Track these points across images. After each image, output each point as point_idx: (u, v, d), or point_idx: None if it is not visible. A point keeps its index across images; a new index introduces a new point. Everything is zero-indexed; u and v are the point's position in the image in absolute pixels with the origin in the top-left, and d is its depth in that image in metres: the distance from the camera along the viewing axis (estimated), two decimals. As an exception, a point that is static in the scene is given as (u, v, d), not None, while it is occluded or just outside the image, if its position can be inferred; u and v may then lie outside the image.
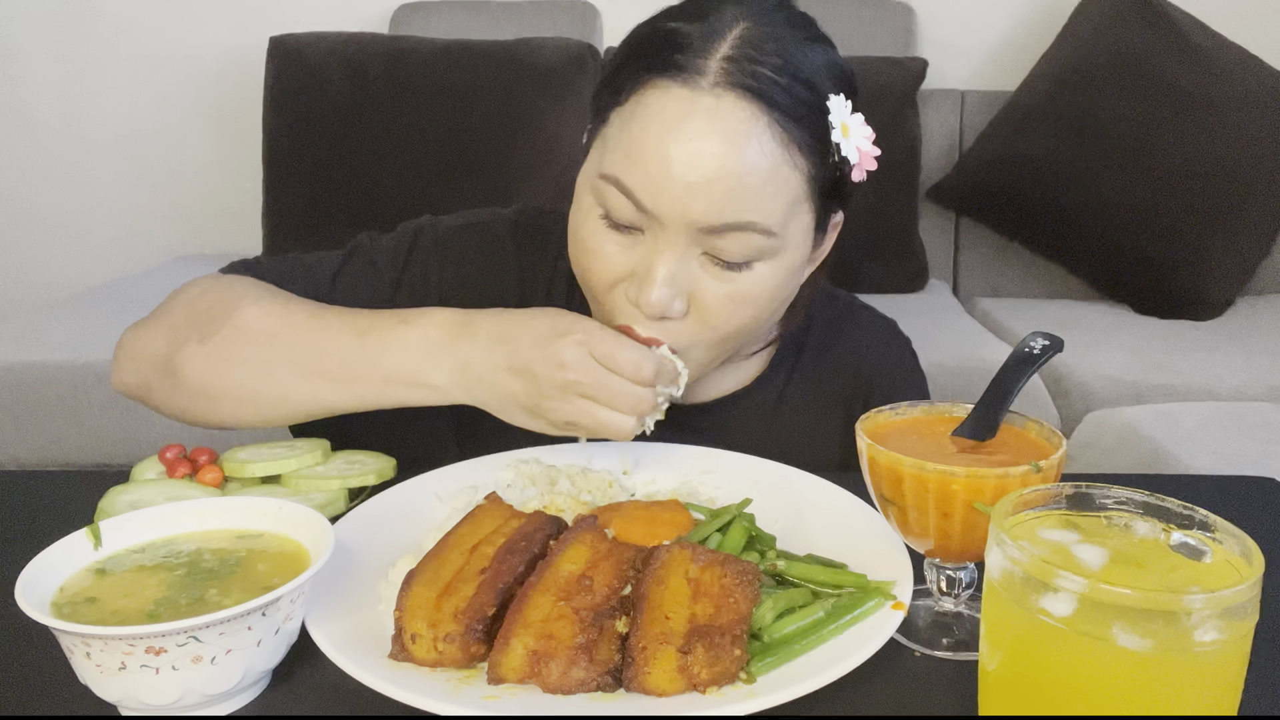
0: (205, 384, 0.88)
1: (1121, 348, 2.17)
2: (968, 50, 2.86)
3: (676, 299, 0.82)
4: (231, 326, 0.87)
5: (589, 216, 0.85)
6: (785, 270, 0.84)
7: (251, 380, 0.86)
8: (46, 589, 0.62)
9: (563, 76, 2.49)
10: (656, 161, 0.79)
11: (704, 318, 0.83)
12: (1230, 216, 2.43)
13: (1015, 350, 0.77)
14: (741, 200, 0.79)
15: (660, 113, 0.79)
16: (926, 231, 2.64)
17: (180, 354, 0.88)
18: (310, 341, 0.86)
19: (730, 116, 0.78)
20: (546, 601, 0.64)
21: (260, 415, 0.88)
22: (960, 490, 0.64)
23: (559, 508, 0.82)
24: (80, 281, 2.86)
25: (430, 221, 1.05)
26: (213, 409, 0.89)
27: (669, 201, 0.79)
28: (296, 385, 0.85)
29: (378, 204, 2.45)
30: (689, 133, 0.78)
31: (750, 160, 0.78)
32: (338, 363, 0.85)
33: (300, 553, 0.67)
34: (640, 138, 0.80)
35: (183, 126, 2.91)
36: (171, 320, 0.92)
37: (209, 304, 0.91)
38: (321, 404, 0.86)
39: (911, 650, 0.69)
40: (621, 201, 0.81)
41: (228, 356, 0.87)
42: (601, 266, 0.84)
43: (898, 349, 1.09)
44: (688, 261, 0.82)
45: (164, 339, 0.91)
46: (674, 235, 0.80)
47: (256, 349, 0.86)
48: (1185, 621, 0.48)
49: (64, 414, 1.97)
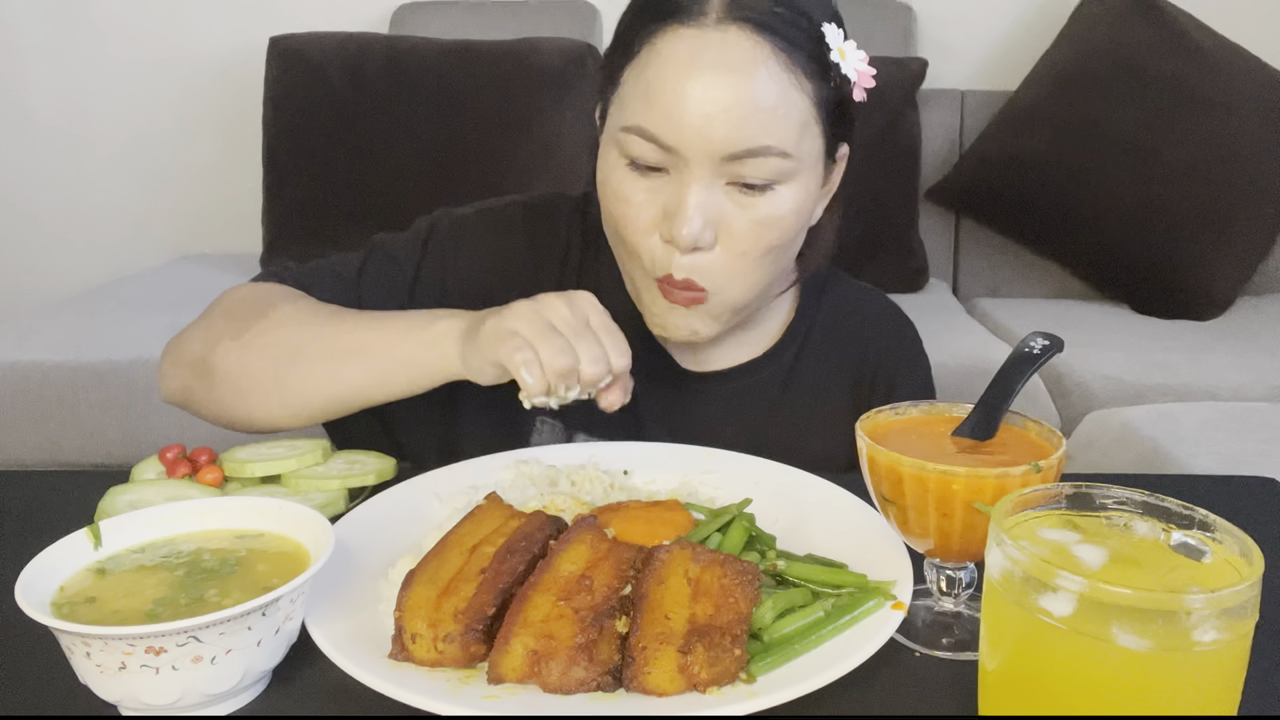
0: (237, 377, 0.91)
1: (1121, 348, 2.17)
2: (968, 50, 2.86)
3: (707, 229, 0.86)
4: (264, 320, 0.91)
5: (615, 168, 0.90)
6: (803, 191, 0.89)
7: (279, 367, 0.89)
8: (46, 589, 0.62)
9: (563, 76, 2.49)
10: (675, 99, 0.84)
11: (733, 244, 0.88)
12: (1230, 216, 2.43)
13: (1015, 350, 0.77)
14: (757, 125, 0.84)
15: (672, 55, 0.85)
16: (926, 231, 2.64)
17: (215, 352, 0.92)
18: (334, 326, 0.90)
19: (737, 48, 0.84)
20: (546, 601, 0.64)
21: (287, 404, 0.90)
22: (960, 490, 0.64)
23: (559, 508, 0.82)
24: (80, 281, 2.86)
25: (444, 212, 1.08)
26: (244, 403, 0.92)
27: (690, 135, 0.84)
28: (320, 367, 0.88)
29: (378, 204, 2.45)
30: (701, 67, 0.83)
31: (760, 87, 0.83)
32: (355, 339, 0.89)
33: (300, 553, 0.67)
34: (656, 81, 0.85)
35: (183, 126, 2.91)
36: (209, 323, 0.96)
37: (245, 306, 0.95)
38: (342, 383, 0.89)
39: (911, 650, 0.69)
40: (645, 146, 0.86)
41: (259, 347, 0.90)
42: (635, 213, 0.89)
43: (904, 331, 1.13)
44: (713, 192, 0.86)
45: (201, 341, 0.94)
46: (698, 168, 0.85)
47: (286, 336, 0.90)
48: (1185, 621, 0.48)
49: (64, 414, 1.97)
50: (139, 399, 1.97)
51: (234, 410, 0.93)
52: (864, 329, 1.10)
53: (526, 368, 0.78)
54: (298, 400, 0.90)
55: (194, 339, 0.95)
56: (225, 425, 0.95)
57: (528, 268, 1.05)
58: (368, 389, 0.89)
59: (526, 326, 0.79)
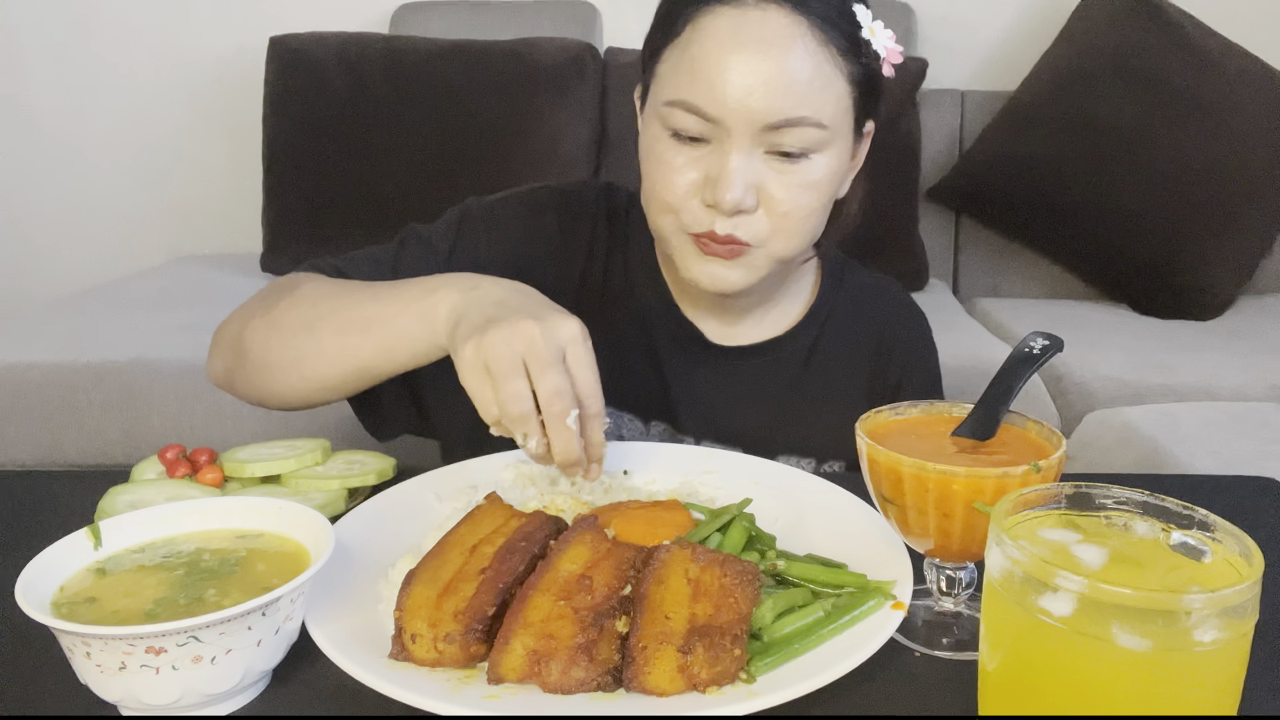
0: (263, 352, 0.93)
1: (1121, 348, 2.17)
2: (968, 50, 2.85)
3: (748, 194, 0.91)
4: (290, 297, 0.94)
5: (658, 139, 0.94)
6: (836, 160, 0.94)
7: (297, 341, 0.91)
8: (46, 589, 0.62)
9: (563, 76, 2.49)
10: (718, 73, 0.89)
11: (773, 207, 0.92)
12: (1230, 216, 2.43)
13: (1015, 350, 0.77)
14: (794, 98, 0.89)
15: (715, 33, 0.90)
16: (926, 231, 2.64)
17: (247, 329, 0.95)
18: (349, 300, 0.91)
19: (776, 25, 0.89)
20: (546, 601, 0.64)
21: (306, 378, 0.92)
22: (960, 490, 0.64)
23: (559, 508, 0.82)
24: (80, 281, 2.86)
25: (475, 199, 1.12)
26: (271, 379, 0.94)
27: (733, 107, 0.88)
28: (331, 340, 0.90)
29: (378, 204, 2.45)
30: (742, 43, 0.89)
31: (798, 61, 0.89)
32: (363, 312, 0.89)
33: (300, 553, 0.67)
34: (700, 57, 0.90)
35: (183, 126, 2.91)
36: (248, 306, 0.99)
37: (277, 286, 0.98)
38: (350, 356, 0.89)
39: (911, 650, 0.69)
40: (688, 119, 0.91)
41: (283, 323, 0.93)
42: (676, 177, 0.93)
43: (917, 319, 1.21)
44: (753, 159, 0.91)
45: (238, 321, 0.98)
46: (739, 137, 0.90)
47: (304, 311, 0.92)
48: (1185, 621, 0.48)
49: (64, 414, 1.97)
50: (139, 399, 1.96)
51: (264, 387, 0.95)
52: (881, 313, 1.17)
53: (482, 407, 0.78)
54: (315, 375, 0.91)
55: (233, 321, 0.99)
56: (261, 404, 0.98)
57: (557, 248, 1.09)
58: (375, 362, 0.89)
59: (495, 360, 0.77)
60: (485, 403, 0.77)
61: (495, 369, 0.76)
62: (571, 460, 0.78)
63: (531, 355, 0.76)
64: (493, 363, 0.76)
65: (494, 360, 0.76)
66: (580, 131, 2.51)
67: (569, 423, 0.77)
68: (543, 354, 0.76)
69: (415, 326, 0.85)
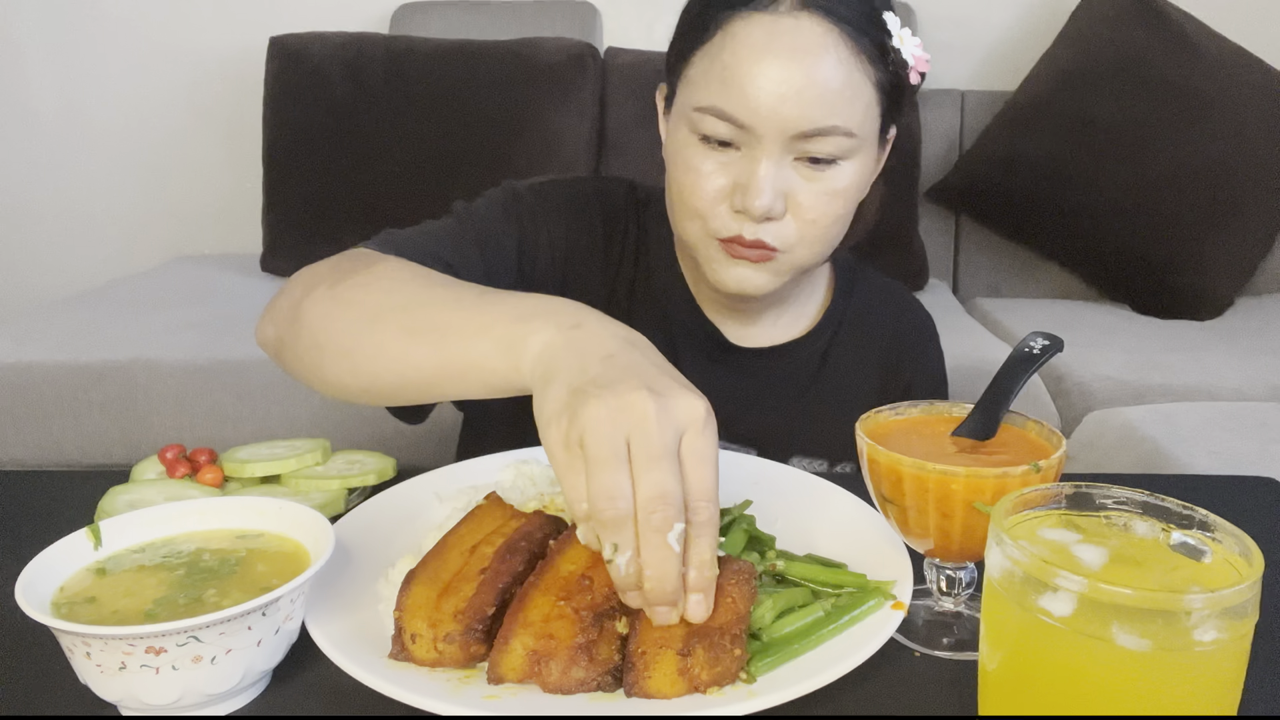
0: (318, 329, 0.81)
1: (1121, 348, 2.17)
2: (968, 50, 2.86)
3: (777, 200, 0.91)
4: (365, 274, 0.83)
5: (687, 144, 0.94)
6: (863, 167, 0.95)
7: (357, 328, 0.79)
8: (46, 589, 0.62)
9: (563, 76, 2.49)
10: (750, 80, 0.89)
11: (801, 213, 0.93)
12: (1230, 216, 2.43)
13: (1015, 350, 0.77)
14: (826, 106, 0.89)
15: (748, 39, 0.89)
16: (926, 231, 2.64)
17: (309, 297, 0.83)
18: (428, 298, 0.79)
19: (809, 34, 0.89)
20: (546, 601, 0.64)
21: (358, 373, 0.79)
22: (960, 490, 0.64)
23: (559, 508, 0.81)
24: (80, 281, 2.86)
25: (511, 183, 1.08)
26: (320, 362, 0.81)
27: (765, 114, 0.89)
28: (394, 340, 0.77)
29: (378, 204, 2.45)
30: (775, 51, 0.88)
31: (830, 70, 0.89)
32: (441, 319, 0.76)
33: (300, 553, 0.67)
34: (732, 64, 0.90)
35: (183, 126, 2.91)
36: (316, 270, 0.88)
37: (353, 258, 0.88)
38: (410, 365, 0.76)
39: (911, 650, 0.69)
40: (719, 125, 0.91)
41: (348, 300, 0.81)
42: (705, 183, 0.93)
43: (926, 323, 1.22)
44: (782, 166, 0.91)
45: (302, 286, 0.86)
46: (770, 144, 0.90)
47: (375, 295, 0.80)
48: (1185, 621, 0.48)
49: (64, 414, 1.97)
50: (139, 399, 1.97)
51: (312, 368, 0.83)
52: (892, 316, 1.18)
53: (570, 496, 0.62)
54: (367, 372, 0.79)
55: (297, 284, 0.87)
56: (308, 385, 0.85)
57: (600, 248, 1.09)
58: (438, 381, 0.75)
59: (594, 441, 0.60)
60: (575, 493, 0.61)
61: (593, 453, 0.60)
62: (665, 594, 0.60)
63: (639, 440, 0.60)
64: (591, 444, 0.60)
65: (593, 441, 0.60)
66: (580, 131, 2.51)
67: (671, 540, 0.59)
68: (654, 442, 0.59)
69: (496, 357, 0.71)
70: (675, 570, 0.60)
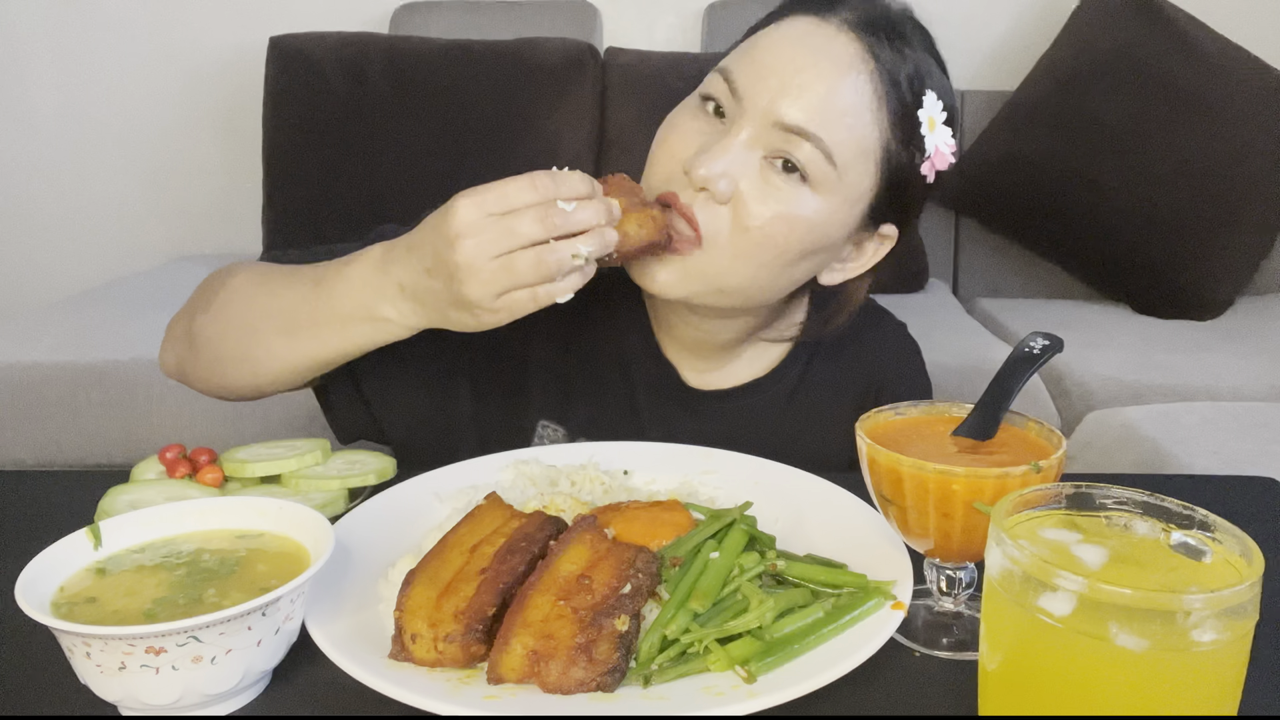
0: (212, 348, 0.93)
1: (1121, 348, 2.17)
2: (968, 50, 2.85)
3: (724, 179, 0.86)
4: (224, 292, 0.94)
5: (685, 106, 0.93)
6: (826, 213, 0.89)
7: (243, 342, 0.91)
8: (46, 589, 0.62)
9: (563, 76, 2.49)
10: (764, 52, 0.89)
11: (742, 212, 0.87)
12: (1230, 216, 2.43)
13: (1015, 350, 0.77)
14: (819, 113, 0.86)
15: (789, 31, 0.90)
16: (926, 231, 2.64)
17: (194, 324, 0.95)
18: (281, 298, 0.90)
19: (843, 49, 0.88)
20: (546, 601, 0.64)
21: (259, 374, 0.92)
22: (960, 490, 0.64)
23: (559, 508, 0.82)
24: (80, 281, 2.86)
25: None
26: (223, 372, 0.94)
27: (761, 89, 0.87)
28: (279, 341, 0.89)
29: (378, 204, 2.45)
30: (805, 48, 0.88)
31: (844, 88, 0.87)
32: (303, 313, 0.87)
33: (300, 553, 0.67)
34: (763, 40, 0.91)
35: (183, 126, 2.91)
36: (194, 298, 0.99)
37: (215, 278, 0.98)
38: (305, 355, 0.89)
39: (911, 650, 0.69)
40: (721, 86, 0.90)
41: (223, 319, 0.93)
42: (679, 140, 0.91)
43: (908, 355, 1.13)
44: (751, 152, 0.87)
45: (186, 315, 0.98)
46: (750, 122, 0.87)
47: (240, 311, 0.92)
48: (1184, 621, 0.48)
49: (64, 414, 1.97)
50: (139, 399, 1.97)
51: (218, 381, 0.95)
52: (870, 351, 1.10)
53: (541, 269, 0.77)
54: (267, 371, 0.91)
55: (183, 314, 0.99)
56: (217, 396, 0.98)
57: None
58: (329, 356, 0.88)
59: (486, 230, 0.76)
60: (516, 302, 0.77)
61: (512, 281, 0.76)
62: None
63: (491, 242, 0.75)
64: (506, 285, 0.76)
65: (503, 284, 0.76)
66: (580, 131, 2.51)
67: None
68: (496, 234, 0.76)
69: (353, 305, 0.84)
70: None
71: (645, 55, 2.57)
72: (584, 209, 0.78)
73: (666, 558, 0.71)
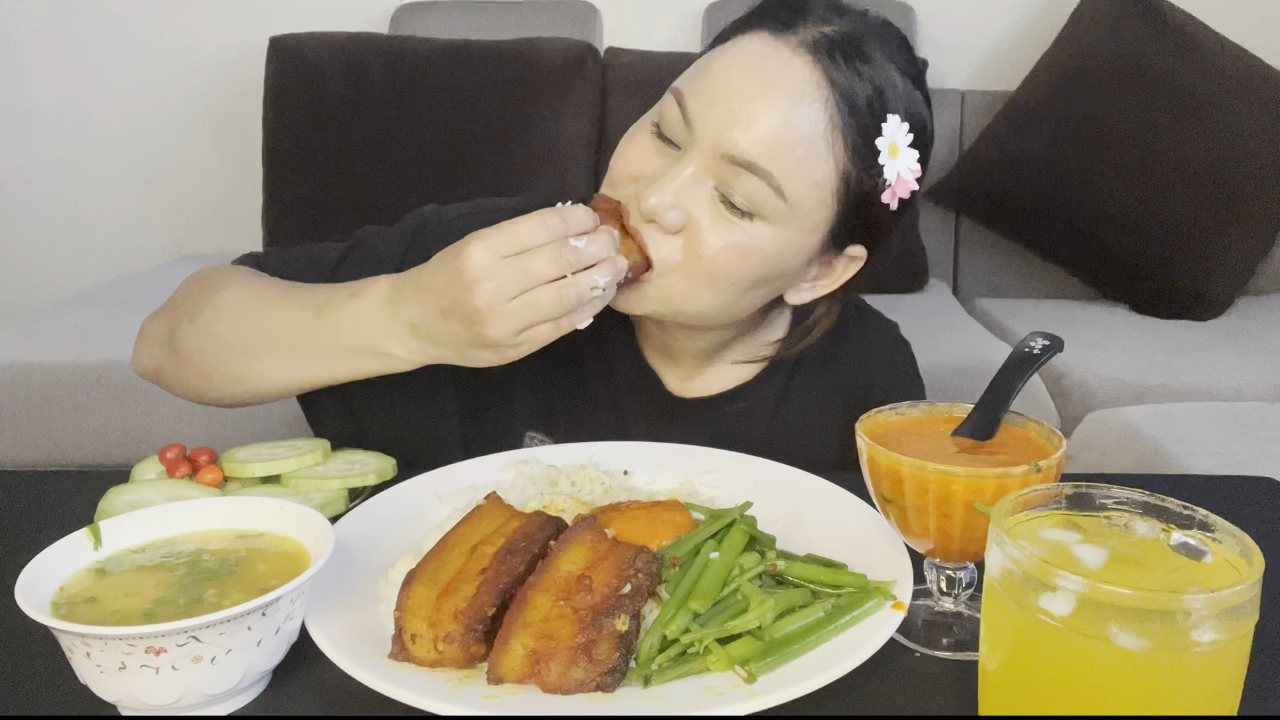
0: (199, 362, 0.92)
1: (1121, 348, 2.17)
2: (968, 50, 2.86)
3: (674, 210, 0.84)
4: (213, 305, 0.91)
5: (643, 125, 0.91)
6: (780, 244, 0.86)
7: (236, 360, 0.90)
8: (46, 589, 0.62)
9: (563, 76, 2.49)
10: (716, 82, 0.85)
11: (694, 241, 0.85)
12: (1230, 216, 2.43)
13: (1015, 350, 0.77)
14: (772, 148, 0.83)
15: (744, 51, 0.86)
16: (926, 231, 2.64)
17: (178, 333, 0.93)
18: (278, 319, 0.89)
19: (798, 74, 0.84)
20: (546, 601, 0.64)
21: (252, 393, 0.92)
22: (960, 490, 0.64)
23: (559, 508, 0.82)
24: (80, 281, 2.86)
25: (434, 210, 1.06)
26: (209, 385, 0.93)
27: (710, 119, 0.84)
28: (275, 363, 0.89)
29: (378, 204, 2.45)
30: (756, 70, 0.84)
31: (797, 119, 0.83)
32: (305, 339, 0.87)
33: (300, 553, 0.67)
34: (715, 62, 0.87)
35: (183, 126, 2.91)
36: (174, 303, 0.98)
37: (201, 287, 0.96)
38: (302, 379, 0.89)
39: (911, 650, 0.69)
40: (673, 111, 0.86)
41: (213, 335, 0.91)
42: (630, 158, 0.89)
43: (899, 356, 1.11)
44: (701, 184, 0.85)
45: (167, 321, 0.96)
46: (699, 153, 0.84)
47: (234, 328, 0.90)
48: (1184, 621, 0.48)
49: (64, 414, 1.97)
50: (139, 399, 1.97)
51: (198, 391, 0.95)
52: (859, 354, 1.08)
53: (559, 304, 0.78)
54: (257, 389, 0.91)
55: (162, 318, 0.97)
56: (193, 401, 0.97)
57: None
58: (327, 381, 0.89)
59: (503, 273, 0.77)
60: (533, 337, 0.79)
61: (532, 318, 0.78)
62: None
63: (509, 284, 0.77)
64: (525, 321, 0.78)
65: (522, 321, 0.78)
66: (580, 131, 2.51)
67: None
68: (513, 277, 0.77)
69: (360, 340, 0.84)
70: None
71: (645, 55, 2.57)
72: (594, 243, 0.80)
73: (666, 558, 0.71)
